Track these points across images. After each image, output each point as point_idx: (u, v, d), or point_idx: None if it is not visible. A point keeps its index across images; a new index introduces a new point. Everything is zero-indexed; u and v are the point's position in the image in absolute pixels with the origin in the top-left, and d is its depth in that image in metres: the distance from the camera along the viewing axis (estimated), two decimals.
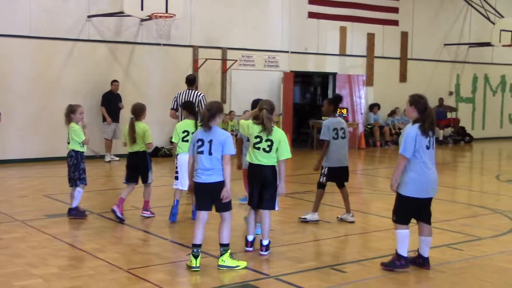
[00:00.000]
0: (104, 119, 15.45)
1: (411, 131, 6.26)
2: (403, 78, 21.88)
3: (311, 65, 19.87)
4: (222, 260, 6.34)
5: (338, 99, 9.31)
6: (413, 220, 6.43)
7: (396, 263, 6.36)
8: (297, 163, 15.20)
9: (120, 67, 16.20)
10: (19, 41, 14.70)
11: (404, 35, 21.77)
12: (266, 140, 6.74)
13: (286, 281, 5.97)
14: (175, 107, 10.61)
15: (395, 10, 21.40)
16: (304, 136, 20.37)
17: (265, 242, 6.89)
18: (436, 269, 6.50)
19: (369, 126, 20.49)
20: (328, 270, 6.38)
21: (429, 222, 6.45)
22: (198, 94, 10.59)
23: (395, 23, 21.46)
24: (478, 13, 23.06)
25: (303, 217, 8.68)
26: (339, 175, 8.55)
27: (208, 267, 6.40)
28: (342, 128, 8.61)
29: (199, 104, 10.16)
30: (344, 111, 19.04)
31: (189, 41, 17.19)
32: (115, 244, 7.37)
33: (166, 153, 16.20)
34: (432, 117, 6.35)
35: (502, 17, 22.95)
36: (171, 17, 14.86)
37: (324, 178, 8.60)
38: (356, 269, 6.45)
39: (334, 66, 20.27)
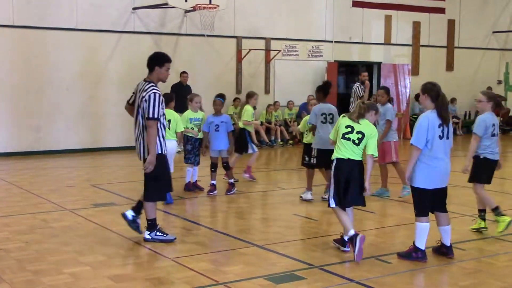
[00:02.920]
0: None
1: (423, 121, 6.17)
2: (449, 67, 21.53)
3: (355, 54, 19.73)
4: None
5: (327, 85, 9.58)
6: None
7: (412, 255, 6.29)
8: None
9: None
10: (66, 34, 14.98)
11: (451, 23, 21.38)
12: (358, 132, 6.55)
13: (330, 271, 5.95)
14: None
15: None
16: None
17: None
18: (485, 261, 6.39)
19: (414, 116, 20.20)
20: (373, 260, 6.32)
21: (444, 211, 6.38)
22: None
23: (441, 10, 21.09)
24: None
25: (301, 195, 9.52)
26: (326, 157, 8.34)
27: (252, 256, 6.43)
28: (330, 114, 9.13)
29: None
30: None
31: (232, 32, 17.24)
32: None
33: None
34: (445, 104, 6.29)
35: None
36: (215, 8, 14.93)
37: (314, 159, 9.16)
38: (400, 260, 6.38)
39: (379, 56, 20.07)
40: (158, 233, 6.98)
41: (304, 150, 9.62)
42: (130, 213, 7.18)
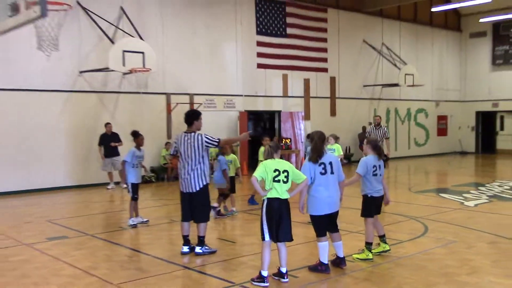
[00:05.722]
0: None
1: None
2: (333, 113, 22.04)
3: (261, 105, 19.84)
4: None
5: (135, 134, 9.53)
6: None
7: (318, 268, 6.23)
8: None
9: (107, 112, 15.81)
10: (21, 94, 14.22)
11: (333, 79, 21.98)
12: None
13: None
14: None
15: (324, 60, 21.62)
16: (256, 162, 20.02)
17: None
18: (369, 270, 6.38)
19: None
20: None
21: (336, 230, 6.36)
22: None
23: (325, 70, 21.68)
24: (387, 61, 23.57)
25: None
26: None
27: (185, 278, 6.12)
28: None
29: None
30: (288, 140, 19.00)
31: (163, 89, 16.94)
32: (106, 262, 7.03)
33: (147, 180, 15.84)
34: (317, 148, 6.20)
35: (406, 64, 23.49)
36: (148, 71, 14.65)
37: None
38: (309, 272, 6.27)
39: (279, 105, 20.27)
40: (206, 247, 7.17)
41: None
42: (186, 248, 7.26)
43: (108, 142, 14.79)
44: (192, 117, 7.33)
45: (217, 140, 7.19)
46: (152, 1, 16.70)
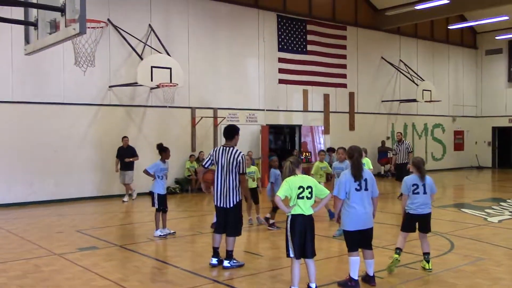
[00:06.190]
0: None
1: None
2: (352, 127, 21.78)
3: (282, 119, 19.68)
4: None
5: (161, 148, 9.33)
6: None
7: (348, 284, 5.98)
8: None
9: (134, 125, 15.79)
10: (54, 107, 14.27)
11: (352, 95, 21.75)
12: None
13: None
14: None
15: (344, 76, 21.42)
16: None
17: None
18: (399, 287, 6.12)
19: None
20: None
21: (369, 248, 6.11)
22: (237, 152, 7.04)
23: (344, 85, 21.46)
24: (405, 77, 23.27)
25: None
26: None
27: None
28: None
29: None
30: (308, 154, 18.77)
31: (188, 104, 16.89)
32: (136, 274, 6.87)
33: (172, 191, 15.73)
34: (358, 165, 5.99)
35: (423, 80, 23.17)
36: (175, 85, 14.59)
37: None
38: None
39: (299, 120, 20.09)
40: (234, 261, 7.00)
41: None
42: (215, 260, 7.07)
43: (123, 156, 14.43)
44: (234, 132, 7.17)
45: (245, 172, 7.05)
46: (179, 19, 16.72)
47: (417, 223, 6.79)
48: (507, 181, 21.31)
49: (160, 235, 9.16)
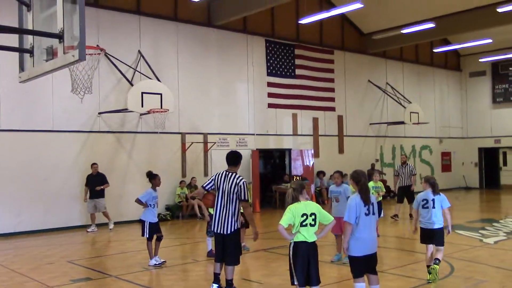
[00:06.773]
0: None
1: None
2: (341, 150, 21.80)
3: (272, 143, 19.63)
4: None
5: (151, 175, 9.20)
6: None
7: None
8: (265, 221, 14.65)
9: (124, 152, 15.61)
10: (43, 135, 14.06)
11: (340, 118, 21.84)
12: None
13: None
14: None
15: (332, 99, 21.54)
16: (268, 198, 19.82)
17: None
18: None
19: (318, 189, 20.18)
20: None
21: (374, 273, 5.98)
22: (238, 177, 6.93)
23: (333, 109, 21.57)
24: (392, 99, 23.50)
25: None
26: None
27: None
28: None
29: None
30: (298, 178, 18.69)
31: (178, 129, 16.78)
32: None
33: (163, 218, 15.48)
34: (366, 189, 5.95)
35: (410, 102, 23.42)
36: (166, 111, 14.51)
37: None
38: None
39: (289, 143, 20.07)
40: None
41: None
42: (216, 286, 6.95)
43: (93, 183, 13.94)
44: (239, 159, 7.12)
45: (247, 199, 6.84)
46: (168, 45, 16.73)
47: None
48: (495, 201, 21.42)
49: (155, 264, 8.95)
